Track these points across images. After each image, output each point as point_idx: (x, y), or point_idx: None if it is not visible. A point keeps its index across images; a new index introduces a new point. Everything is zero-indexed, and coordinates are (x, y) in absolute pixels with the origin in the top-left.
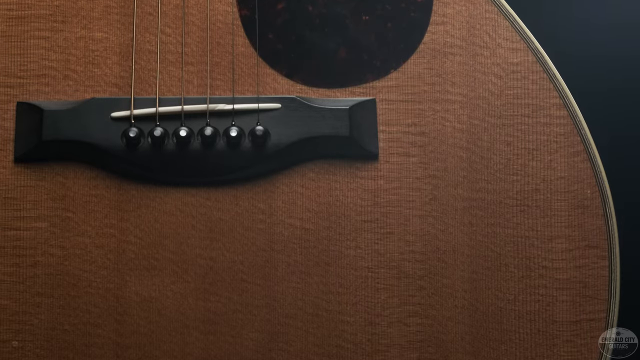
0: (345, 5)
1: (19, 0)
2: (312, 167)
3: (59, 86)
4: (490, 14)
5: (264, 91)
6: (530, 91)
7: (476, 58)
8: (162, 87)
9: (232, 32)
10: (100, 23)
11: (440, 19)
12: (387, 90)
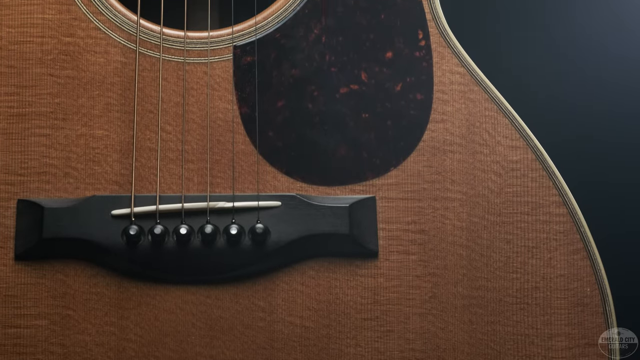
0: (345, 103)
1: (20, 98)
2: (312, 265)
3: (59, 184)
4: (489, 111)
5: (264, 189)
6: (530, 189)
7: (476, 156)
8: (163, 185)
9: (232, 130)
10: (101, 120)
11: (440, 117)
12: (387, 188)
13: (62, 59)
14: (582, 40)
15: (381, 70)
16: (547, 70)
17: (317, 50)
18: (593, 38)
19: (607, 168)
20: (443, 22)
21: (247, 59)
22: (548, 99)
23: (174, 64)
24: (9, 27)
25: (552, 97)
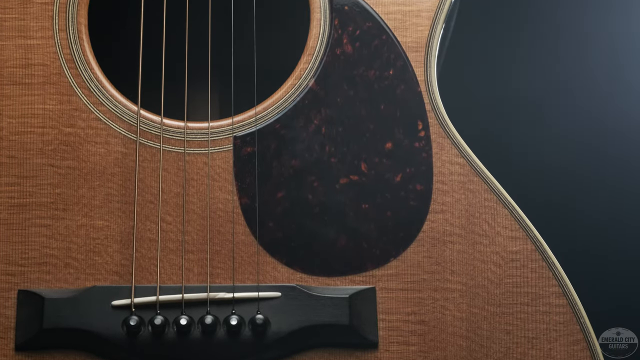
0: (345, 193)
1: (21, 188)
2: (312, 356)
3: (60, 274)
4: (489, 202)
5: (264, 279)
6: (530, 279)
7: (475, 246)
8: (163, 275)
9: (232, 221)
10: (102, 211)
11: (440, 207)
12: (387, 279)
13: (62, 149)
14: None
15: (381, 161)
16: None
17: (317, 140)
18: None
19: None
20: (442, 113)
21: (247, 150)
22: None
23: (174, 154)
24: (10, 117)
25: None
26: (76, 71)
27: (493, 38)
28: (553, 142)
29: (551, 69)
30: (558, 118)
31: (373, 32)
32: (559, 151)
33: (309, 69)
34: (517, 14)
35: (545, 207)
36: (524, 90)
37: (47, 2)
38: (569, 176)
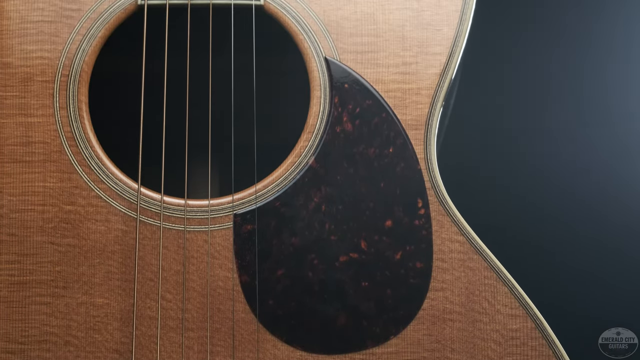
0: (344, 271)
1: (21, 266)
2: None
3: (60, 352)
4: (489, 280)
5: (264, 357)
6: (530, 357)
7: (475, 324)
8: (163, 353)
9: (232, 299)
10: (102, 289)
11: (440, 285)
12: (387, 357)
13: (63, 227)
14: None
15: (381, 238)
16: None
17: (317, 218)
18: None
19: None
20: (442, 191)
21: (247, 227)
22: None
23: (174, 232)
24: (11, 195)
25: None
26: (77, 149)
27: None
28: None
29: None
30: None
31: (373, 110)
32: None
33: (309, 146)
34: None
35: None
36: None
37: (47, 80)
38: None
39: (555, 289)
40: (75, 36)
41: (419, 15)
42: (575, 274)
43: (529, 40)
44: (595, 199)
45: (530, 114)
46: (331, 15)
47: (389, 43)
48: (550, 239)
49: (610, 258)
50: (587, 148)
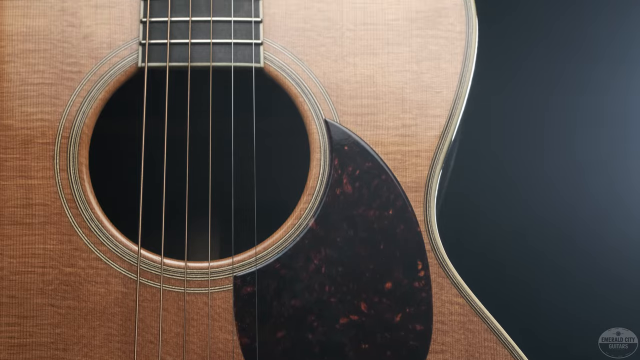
0: (344, 333)
1: (21, 328)
2: None
3: None
4: (489, 342)
5: None
6: None
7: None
8: None
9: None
10: (102, 351)
11: (440, 347)
12: None
13: (63, 289)
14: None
15: (381, 300)
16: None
17: (317, 280)
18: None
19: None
20: (442, 253)
21: (248, 289)
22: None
23: (174, 294)
24: (11, 257)
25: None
26: (77, 211)
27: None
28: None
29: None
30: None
31: (373, 172)
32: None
33: (309, 208)
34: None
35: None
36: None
37: (48, 142)
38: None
39: (556, 289)
40: (75, 98)
41: (418, 77)
42: (577, 274)
43: (525, 93)
44: (595, 248)
45: (529, 169)
46: (331, 77)
47: (388, 105)
48: (549, 294)
49: (611, 258)
50: (587, 200)
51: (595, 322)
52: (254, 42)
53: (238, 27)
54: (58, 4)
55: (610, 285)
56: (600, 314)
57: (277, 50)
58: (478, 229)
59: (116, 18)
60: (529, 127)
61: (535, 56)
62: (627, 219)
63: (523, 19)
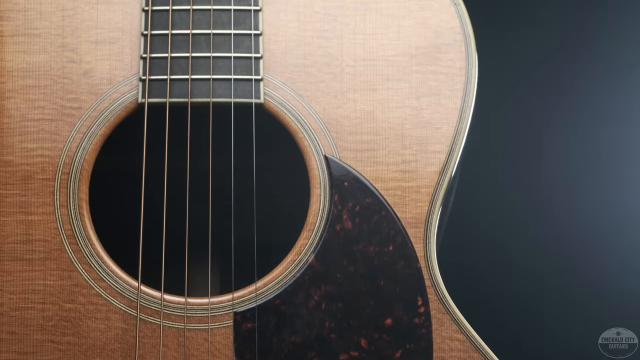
0: None
1: None
2: None
3: None
4: None
5: None
6: None
7: None
8: None
9: None
10: None
11: None
12: None
13: (63, 325)
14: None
15: (381, 336)
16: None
17: (317, 316)
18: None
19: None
20: (442, 289)
21: (248, 325)
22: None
23: (174, 330)
24: (11, 293)
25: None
26: (77, 247)
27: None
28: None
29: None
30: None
31: (373, 208)
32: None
33: (309, 244)
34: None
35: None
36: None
37: (48, 178)
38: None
39: (556, 289)
40: (75, 134)
41: (418, 113)
42: (577, 273)
43: (522, 132)
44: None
45: (528, 207)
46: (331, 113)
47: (388, 141)
48: (550, 321)
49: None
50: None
51: (595, 322)
52: (254, 78)
53: (238, 63)
54: (58, 40)
55: (610, 285)
56: (600, 314)
57: (277, 86)
58: (478, 263)
59: (116, 54)
60: (529, 158)
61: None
62: (629, 225)
63: (522, 45)
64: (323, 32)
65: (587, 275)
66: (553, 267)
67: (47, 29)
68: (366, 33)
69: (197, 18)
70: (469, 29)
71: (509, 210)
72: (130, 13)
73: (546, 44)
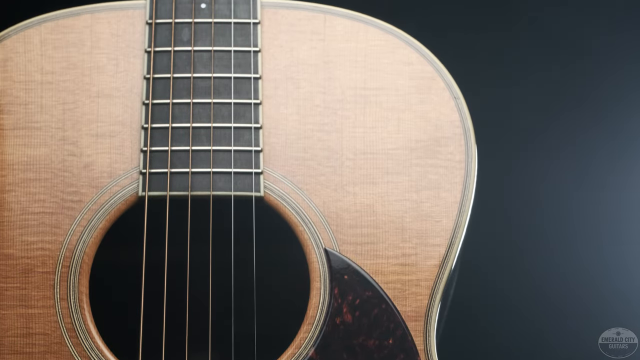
0: None
1: None
2: None
3: None
4: None
5: None
6: None
7: None
8: None
9: None
10: None
11: None
12: None
13: None
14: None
15: None
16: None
17: None
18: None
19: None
20: None
21: None
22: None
23: None
24: None
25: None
26: (77, 340)
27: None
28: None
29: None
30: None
31: (373, 301)
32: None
33: (309, 338)
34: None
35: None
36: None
37: (48, 272)
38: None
39: (555, 289)
40: (76, 227)
41: (418, 206)
42: (577, 274)
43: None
44: None
45: (526, 294)
46: (331, 206)
47: (388, 234)
48: None
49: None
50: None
51: (595, 322)
52: (254, 172)
53: (238, 157)
54: (59, 133)
55: (610, 285)
56: (600, 314)
57: (277, 179)
58: (478, 356)
59: (117, 147)
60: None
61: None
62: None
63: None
64: (323, 126)
65: (587, 275)
66: (553, 267)
67: (47, 122)
68: (366, 126)
69: (197, 111)
70: (468, 123)
71: (507, 304)
72: (131, 106)
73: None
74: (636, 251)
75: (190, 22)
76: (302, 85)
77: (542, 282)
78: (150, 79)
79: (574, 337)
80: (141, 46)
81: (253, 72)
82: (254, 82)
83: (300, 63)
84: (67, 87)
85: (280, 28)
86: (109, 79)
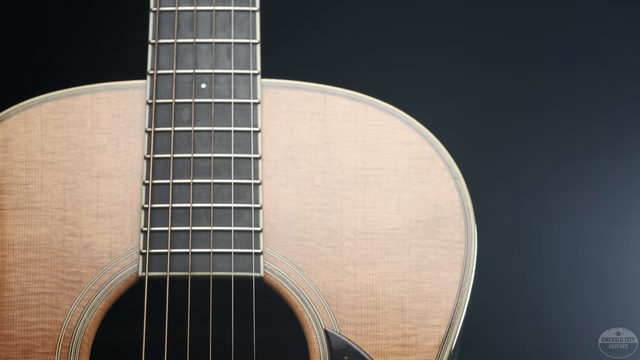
0: None
1: None
2: None
3: None
4: None
5: None
6: None
7: None
8: None
9: None
10: None
11: None
12: None
13: None
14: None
15: None
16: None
17: None
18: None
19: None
20: None
21: None
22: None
23: None
24: None
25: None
26: None
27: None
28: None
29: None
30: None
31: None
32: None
33: None
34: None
35: None
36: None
37: (48, 352)
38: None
39: (555, 289)
40: (76, 308)
41: (418, 287)
42: (577, 274)
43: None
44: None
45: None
46: (331, 287)
47: (388, 315)
48: None
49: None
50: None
51: (595, 322)
52: (254, 252)
53: (238, 237)
54: (59, 213)
55: (610, 285)
56: (600, 314)
57: (277, 260)
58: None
59: (117, 227)
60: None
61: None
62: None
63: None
64: (323, 206)
65: (587, 275)
66: (553, 267)
67: (48, 202)
68: (366, 206)
69: (197, 191)
70: (468, 203)
71: (506, 304)
72: (131, 186)
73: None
74: (636, 251)
75: (190, 102)
76: (302, 165)
77: (542, 282)
78: (150, 159)
79: (574, 337)
80: (141, 126)
81: (253, 152)
82: (254, 162)
83: (300, 143)
84: (68, 167)
85: (281, 108)
86: (109, 159)
